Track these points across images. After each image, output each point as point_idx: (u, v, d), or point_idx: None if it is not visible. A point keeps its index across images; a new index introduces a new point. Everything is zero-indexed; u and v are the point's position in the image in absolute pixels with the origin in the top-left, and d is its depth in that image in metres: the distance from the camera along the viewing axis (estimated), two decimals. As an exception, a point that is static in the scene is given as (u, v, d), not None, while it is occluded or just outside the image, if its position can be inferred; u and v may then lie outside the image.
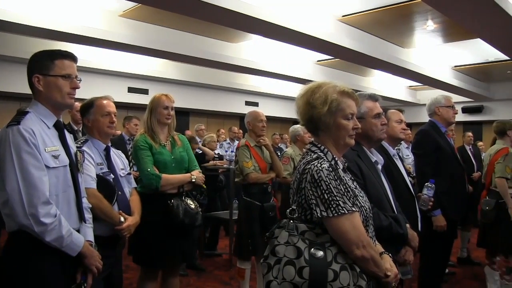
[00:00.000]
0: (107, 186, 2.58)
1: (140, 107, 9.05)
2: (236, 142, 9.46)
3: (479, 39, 7.77)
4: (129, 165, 3.59)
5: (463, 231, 5.80)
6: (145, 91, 11.22)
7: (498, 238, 4.35)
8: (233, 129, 9.88)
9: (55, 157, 1.94)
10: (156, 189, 3.07)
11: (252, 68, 9.97)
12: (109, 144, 2.78)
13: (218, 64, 9.57)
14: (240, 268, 4.18)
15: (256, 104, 13.71)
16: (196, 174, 3.29)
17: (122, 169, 2.81)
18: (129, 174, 2.88)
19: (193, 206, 3.18)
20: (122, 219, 2.58)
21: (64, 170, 1.99)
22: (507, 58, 9.15)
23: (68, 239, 1.89)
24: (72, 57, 2.06)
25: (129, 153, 5.22)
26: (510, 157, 4.39)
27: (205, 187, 3.45)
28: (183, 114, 12.75)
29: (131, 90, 11.22)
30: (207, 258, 5.92)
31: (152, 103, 3.28)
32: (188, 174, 3.27)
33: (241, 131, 10.74)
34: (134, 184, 2.93)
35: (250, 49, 9.63)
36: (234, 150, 9.09)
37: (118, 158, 2.84)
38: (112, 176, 2.66)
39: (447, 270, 4.80)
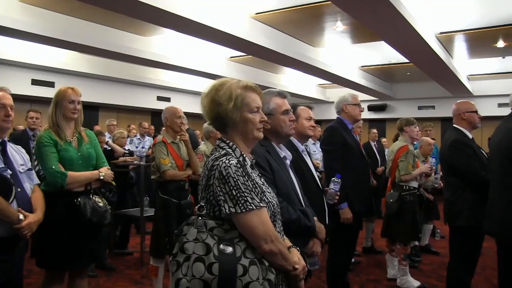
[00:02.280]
0: (2, 182, 2.39)
1: (44, 101, 8.49)
2: (147, 138, 9.29)
3: (383, 41, 8.22)
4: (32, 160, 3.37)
5: (368, 222, 6.12)
6: (50, 84, 10.60)
7: (399, 228, 4.67)
8: (143, 125, 9.65)
9: None
10: (62, 187, 2.92)
11: (163, 63, 9.80)
12: (6, 139, 2.59)
13: (129, 58, 9.30)
14: (153, 266, 4.11)
15: (168, 100, 13.50)
16: (105, 171, 3.17)
17: (22, 164, 2.63)
18: (30, 170, 2.71)
19: (101, 204, 3.07)
20: (21, 217, 2.41)
21: None
22: (406, 60, 9.77)
23: None
24: None
25: (32, 149, 4.97)
26: (410, 155, 4.75)
27: (114, 184, 3.34)
28: (92, 109, 12.23)
29: (35, 82, 10.55)
30: (118, 257, 5.75)
31: (57, 97, 3.10)
32: (96, 171, 3.14)
33: (152, 126, 10.53)
34: (36, 181, 2.76)
35: (162, 43, 9.45)
36: (145, 146, 8.94)
37: (18, 154, 2.66)
38: (9, 172, 2.47)
39: (353, 260, 5.06)
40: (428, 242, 6.28)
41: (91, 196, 3.04)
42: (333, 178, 3.05)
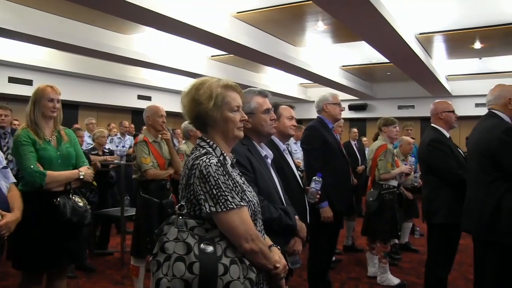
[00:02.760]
0: None
1: (22, 99, 8.40)
2: (128, 137, 9.22)
3: (364, 41, 8.29)
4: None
5: (348, 221, 6.17)
6: (28, 82, 10.44)
7: (379, 226, 4.73)
8: (124, 124, 9.56)
9: None
10: (41, 187, 2.88)
11: (144, 61, 9.74)
12: None
13: (109, 56, 9.21)
14: (134, 266, 4.07)
15: (149, 98, 13.42)
16: (85, 171, 3.14)
17: None
18: (5, 168, 2.66)
19: (81, 204, 3.03)
20: None
21: None
22: (387, 60, 9.87)
23: None
24: None
25: (3, 147, 4.91)
26: (388, 154, 4.81)
27: (95, 184, 3.30)
28: (72, 108, 12.07)
29: (12, 80, 10.35)
30: (98, 257, 5.69)
31: (35, 95, 3.05)
32: (76, 171, 3.10)
33: (132, 125, 10.44)
34: (12, 179, 2.72)
35: (142, 41, 9.39)
36: (125, 145, 8.87)
37: None
38: None
39: (334, 258, 5.09)
40: (408, 240, 6.36)
41: (71, 195, 3.01)
42: (314, 177, 3.06)
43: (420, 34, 8.82)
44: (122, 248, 5.38)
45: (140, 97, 13.41)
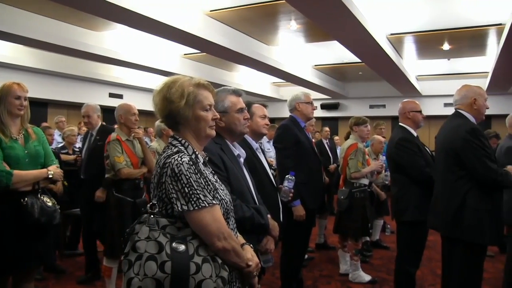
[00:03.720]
0: None
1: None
2: (99, 136, 9.01)
3: (336, 41, 8.37)
4: None
5: (321, 219, 6.22)
6: (-6, 79, 10.14)
7: (350, 224, 4.79)
8: (95, 122, 9.39)
9: None
10: (7, 187, 2.80)
11: (116, 59, 9.61)
12: None
13: (80, 53, 9.05)
14: (106, 266, 4.02)
15: (120, 96, 13.27)
16: (54, 170, 3.07)
17: None
18: None
19: (50, 204, 2.96)
20: None
21: None
22: (359, 60, 10.00)
23: None
24: None
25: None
26: (359, 152, 4.87)
27: (66, 183, 3.24)
28: (41, 106, 11.83)
29: (-24, 77, 10.06)
30: (68, 258, 5.58)
31: (1, 92, 2.96)
32: (45, 170, 3.03)
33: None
34: None
35: (114, 38, 9.27)
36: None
37: None
38: None
39: (306, 256, 5.13)
40: (379, 237, 6.45)
41: (39, 195, 2.94)
42: (287, 176, 3.08)
43: (391, 34, 8.97)
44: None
45: (111, 95, 13.24)
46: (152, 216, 1.65)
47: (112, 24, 8.09)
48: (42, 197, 2.95)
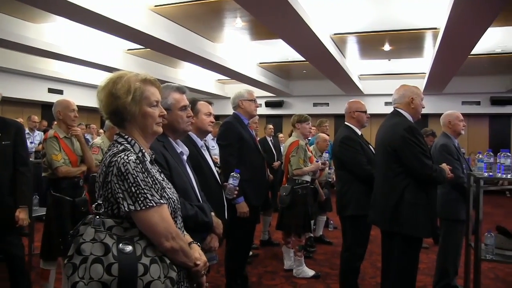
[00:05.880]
0: None
1: None
2: (37, 133, 8.74)
3: (281, 39, 8.45)
4: None
5: (265, 216, 6.28)
6: None
7: (292, 220, 4.86)
8: (33, 118, 9.02)
9: None
10: None
11: (55, 53, 9.19)
12: None
13: (16, 46, 8.58)
14: (44, 269, 3.85)
15: (60, 92, 12.74)
16: None
17: None
18: None
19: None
20: None
21: None
22: (303, 59, 10.14)
23: None
24: None
25: None
26: (300, 150, 4.94)
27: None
28: (-28, 100, 11.17)
29: None
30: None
31: None
32: None
33: (44, 121, 9.89)
34: None
35: (54, 31, 8.86)
36: (34, 141, 8.38)
37: None
38: None
39: (251, 253, 5.17)
40: (322, 233, 6.59)
41: None
42: (232, 173, 3.09)
43: (335, 34, 9.14)
44: (30, 250, 5.07)
45: (50, 90, 12.67)
46: (97, 216, 1.60)
47: (51, 16, 7.74)
48: None
